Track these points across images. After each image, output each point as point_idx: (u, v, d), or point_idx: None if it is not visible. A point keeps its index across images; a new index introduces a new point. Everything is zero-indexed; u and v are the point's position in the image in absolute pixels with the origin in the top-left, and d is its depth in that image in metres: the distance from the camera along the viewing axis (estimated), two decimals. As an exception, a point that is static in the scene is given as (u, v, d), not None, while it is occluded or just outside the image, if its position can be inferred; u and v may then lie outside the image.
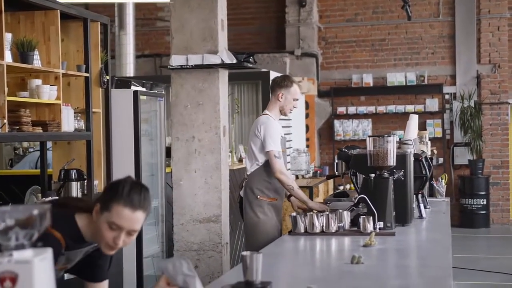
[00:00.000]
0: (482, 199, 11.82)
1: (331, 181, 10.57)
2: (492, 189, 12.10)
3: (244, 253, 2.65)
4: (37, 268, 1.70)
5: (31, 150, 8.16)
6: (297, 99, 5.16)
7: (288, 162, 9.54)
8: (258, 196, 5.05)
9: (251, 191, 5.08)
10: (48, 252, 1.77)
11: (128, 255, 5.97)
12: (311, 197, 8.75)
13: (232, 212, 5.92)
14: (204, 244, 5.42)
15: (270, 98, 5.22)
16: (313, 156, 11.92)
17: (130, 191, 2.55)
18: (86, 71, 5.48)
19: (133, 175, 6.13)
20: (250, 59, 5.59)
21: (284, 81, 5.15)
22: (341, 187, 10.20)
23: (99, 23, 5.76)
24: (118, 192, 2.54)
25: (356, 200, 4.27)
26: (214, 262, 5.39)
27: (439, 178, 6.24)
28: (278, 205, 5.15)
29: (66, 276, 4.63)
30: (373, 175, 4.26)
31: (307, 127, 12.04)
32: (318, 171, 10.49)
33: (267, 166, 5.05)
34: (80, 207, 2.67)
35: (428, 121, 12.21)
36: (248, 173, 5.15)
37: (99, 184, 5.74)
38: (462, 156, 12.17)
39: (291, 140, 10.11)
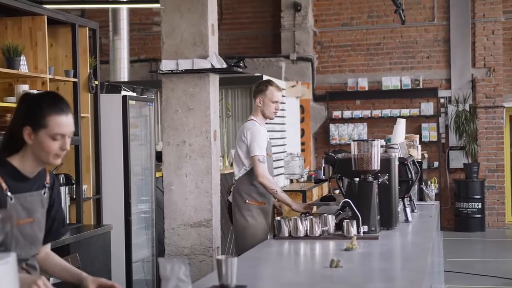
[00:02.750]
0: (478, 203, 11.82)
1: (325, 185, 10.58)
2: (488, 192, 12.10)
3: (218, 257, 2.68)
4: (-2, 272, 1.72)
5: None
6: (276, 101, 5.20)
7: (281, 167, 9.58)
8: (247, 201, 5.13)
9: (240, 196, 5.15)
10: (12, 257, 1.79)
11: (117, 259, 5.98)
12: (304, 201, 8.77)
13: (223, 216, 5.93)
14: (195, 248, 5.42)
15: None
16: (308, 160, 11.93)
17: (53, 102, 2.64)
18: (75, 76, 5.49)
19: (122, 179, 6.17)
20: (240, 64, 5.59)
21: (260, 86, 5.25)
22: (337, 191, 10.19)
23: (87, 28, 5.78)
24: (44, 107, 2.61)
25: (341, 204, 4.28)
26: (205, 266, 5.39)
27: (429, 182, 6.24)
28: (267, 208, 5.21)
29: (52, 281, 4.65)
30: (357, 179, 4.27)
31: (302, 131, 12.06)
32: (313, 175, 10.49)
33: None
34: (7, 154, 2.67)
35: (423, 125, 12.22)
36: (236, 178, 5.22)
37: (87, 189, 5.76)
38: (457, 160, 12.18)
39: (285, 145, 10.13)
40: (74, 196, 5.53)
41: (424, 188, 6.17)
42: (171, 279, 2.39)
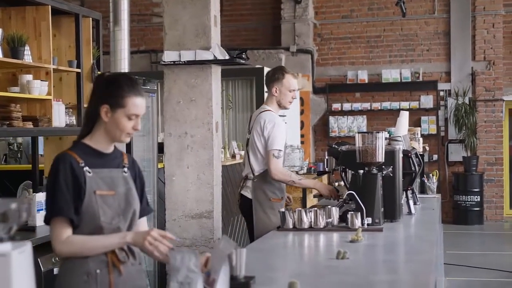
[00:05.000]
0: (476, 196, 11.85)
1: (326, 177, 10.60)
2: (486, 186, 12.13)
3: (227, 248, 2.67)
4: (15, 261, 1.72)
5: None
6: (293, 90, 5.03)
7: (282, 158, 9.58)
8: (271, 199, 4.99)
9: (263, 193, 5.00)
10: (28, 245, 1.79)
11: (120, 250, 5.97)
12: (304, 194, 8.76)
13: (224, 208, 5.93)
14: (196, 240, 5.43)
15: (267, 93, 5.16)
16: (308, 153, 11.95)
17: (131, 84, 2.79)
18: (78, 67, 5.49)
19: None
20: (243, 56, 5.58)
21: (275, 74, 5.06)
22: (337, 184, 10.20)
23: (91, 18, 5.77)
24: (124, 88, 2.76)
25: (345, 197, 4.29)
26: (206, 258, 5.39)
27: (430, 175, 6.26)
28: (283, 203, 5.13)
29: (56, 271, 4.66)
30: (361, 171, 4.27)
31: (302, 123, 12.07)
32: (313, 168, 10.51)
33: None
34: (81, 136, 2.83)
35: (422, 117, 12.24)
36: (256, 174, 5.02)
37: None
38: (457, 153, 12.20)
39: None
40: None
41: (426, 181, 6.19)
42: (182, 269, 2.39)
